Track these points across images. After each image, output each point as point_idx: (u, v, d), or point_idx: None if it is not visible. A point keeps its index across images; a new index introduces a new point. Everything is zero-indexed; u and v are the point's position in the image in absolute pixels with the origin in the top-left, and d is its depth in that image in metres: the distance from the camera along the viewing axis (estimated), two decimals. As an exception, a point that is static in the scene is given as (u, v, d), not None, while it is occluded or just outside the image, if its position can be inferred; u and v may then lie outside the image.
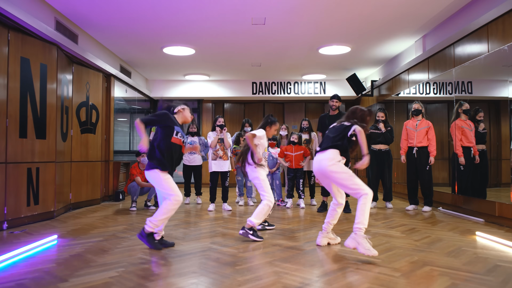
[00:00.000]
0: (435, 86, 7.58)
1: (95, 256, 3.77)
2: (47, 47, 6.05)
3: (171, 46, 8.46)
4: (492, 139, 6.33)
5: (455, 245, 4.18)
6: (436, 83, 7.48)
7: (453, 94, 6.74)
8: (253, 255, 3.84)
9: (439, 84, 7.39)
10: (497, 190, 6.28)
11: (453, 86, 6.76)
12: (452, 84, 6.77)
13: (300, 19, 6.87)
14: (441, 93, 7.37)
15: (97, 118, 7.95)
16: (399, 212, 6.75)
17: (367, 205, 3.74)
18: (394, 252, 3.88)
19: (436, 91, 7.60)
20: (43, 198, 5.92)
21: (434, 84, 7.55)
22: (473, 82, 6.49)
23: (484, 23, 5.68)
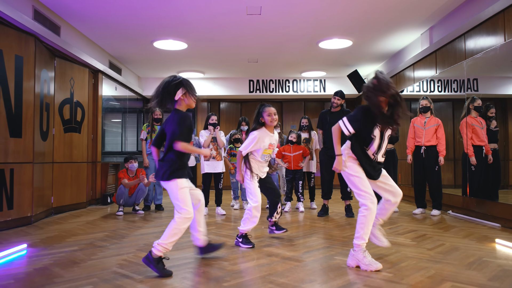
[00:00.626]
0: (440, 84, 7.12)
1: (62, 270, 3.27)
2: (23, 37, 5.55)
3: (161, 39, 7.96)
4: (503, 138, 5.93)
5: (475, 255, 3.69)
6: (441, 80, 7.03)
7: (464, 92, 6.27)
8: (245, 268, 3.34)
9: (443, 82, 6.96)
10: (505, 192, 5.86)
11: (464, 83, 6.30)
12: (463, 81, 6.31)
13: (298, 9, 6.39)
14: (447, 90, 6.92)
15: (83, 117, 7.46)
16: (406, 216, 6.26)
17: (368, 219, 3.26)
18: (406, 264, 3.38)
19: (440, 88, 7.14)
20: (18, 202, 5.42)
21: (439, 81, 7.10)
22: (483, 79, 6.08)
23: (499, 10, 5.20)
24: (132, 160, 6.70)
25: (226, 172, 7.51)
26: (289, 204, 7.04)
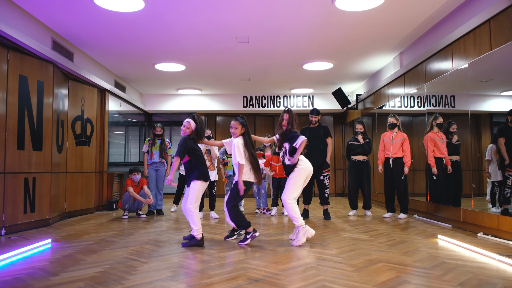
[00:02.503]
0: (413, 100, 8.01)
1: (84, 256, 4.17)
2: (44, 65, 6.49)
3: (162, 63, 8.93)
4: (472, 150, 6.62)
5: (415, 246, 4.58)
6: (413, 96, 7.92)
7: (425, 108, 7.18)
8: (228, 255, 4.24)
9: (416, 98, 7.82)
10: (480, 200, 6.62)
11: (427, 100, 7.18)
12: (425, 98, 7.21)
13: (282, 38, 7.33)
14: (420, 106, 7.78)
15: (92, 131, 8.38)
16: (377, 219, 7.15)
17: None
18: (356, 252, 4.28)
19: (414, 104, 8.02)
20: (39, 207, 6.32)
21: (412, 98, 7.98)
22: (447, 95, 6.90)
23: (448, 42, 6.14)
24: (135, 173, 7.57)
25: (219, 181, 8.37)
26: (275, 209, 7.94)
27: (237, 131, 5.07)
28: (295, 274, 3.40)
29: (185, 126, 5.05)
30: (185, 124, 5.05)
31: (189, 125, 5.06)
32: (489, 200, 6.09)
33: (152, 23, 6.58)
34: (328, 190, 7.23)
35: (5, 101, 5.69)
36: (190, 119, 5.10)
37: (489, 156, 6.13)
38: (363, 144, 7.76)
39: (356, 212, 7.82)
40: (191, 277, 3.32)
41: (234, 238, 5.23)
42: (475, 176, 6.64)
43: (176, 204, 8.76)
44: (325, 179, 7.19)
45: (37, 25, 6.43)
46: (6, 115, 5.70)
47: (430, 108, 7.08)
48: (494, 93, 5.94)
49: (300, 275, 3.37)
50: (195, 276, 3.35)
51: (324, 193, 7.21)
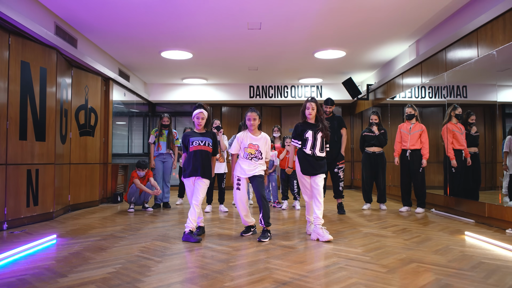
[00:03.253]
0: (430, 90, 7.71)
1: (93, 254, 3.89)
2: (46, 51, 6.18)
3: (168, 50, 8.60)
4: (487, 142, 6.43)
5: (443, 244, 4.31)
6: (431, 87, 7.62)
7: (446, 98, 6.87)
8: (247, 253, 3.95)
9: (434, 88, 7.52)
10: (492, 193, 6.39)
11: (447, 90, 6.89)
12: (446, 88, 6.91)
13: (295, 24, 7.01)
14: (436, 96, 7.49)
15: (96, 121, 8.08)
16: (393, 213, 6.88)
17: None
18: (383, 250, 4.00)
19: (431, 95, 7.73)
20: (42, 199, 6.03)
21: (430, 88, 7.68)
22: (467, 86, 6.60)
23: (473, 28, 5.82)
24: (140, 169, 7.26)
25: (229, 173, 8.10)
26: (286, 202, 7.66)
27: (256, 122, 4.86)
28: (325, 276, 3.12)
29: (201, 117, 4.84)
30: (200, 116, 4.83)
31: (203, 115, 4.85)
32: (506, 194, 5.82)
33: (160, 6, 6.25)
34: (342, 183, 6.95)
35: (7, 89, 5.38)
36: (202, 109, 4.85)
37: (507, 148, 5.86)
38: (378, 135, 7.46)
39: (370, 206, 7.54)
40: (212, 279, 3.04)
41: (250, 234, 4.95)
42: (489, 169, 6.42)
43: (181, 198, 8.49)
44: (340, 172, 6.91)
45: (40, 8, 6.10)
46: (8, 103, 5.40)
47: (451, 99, 6.78)
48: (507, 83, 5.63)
49: (331, 277, 3.08)
50: (216, 279, 3.06)
51: (338, 186, 6.93)
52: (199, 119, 4.82)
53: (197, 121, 4.84)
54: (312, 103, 4.84)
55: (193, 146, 4.77)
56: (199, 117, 4.82)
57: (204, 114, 4.83)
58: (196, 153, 4.76)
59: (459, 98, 6.69)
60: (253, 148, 4.83)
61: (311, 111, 4.82)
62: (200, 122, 4.83)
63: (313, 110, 4.82)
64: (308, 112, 4.83)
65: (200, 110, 4.82)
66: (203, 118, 4.83)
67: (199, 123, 4.83)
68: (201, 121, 4.82)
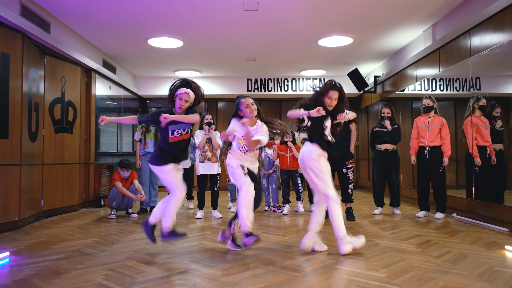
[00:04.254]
0: (442, 82, 6.90)
1: (43, 282, 3.04)
2: (10, 34, 5.33)
3: (156, 37, 7.73)
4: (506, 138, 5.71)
5: (485, 264, 3.46)
6: (443, 79, 6.81)
7: (470, 90, 6.04)
8: (239, 279, 3.10)
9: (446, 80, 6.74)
10: (509, 193, 5.64)
11: (468, 81, 6.07)
12: (467, 80, 6.08)
13: (297, 4, 6.16)
14: (450, 89, 6.69)
15: (75, 117, 7.22)
16: (409, 219, 6.04)
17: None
18: (412, 275, 3.15)
19: (442, 87, 6.92)
20: (4, 206, 5.19)
21: (441, 80, 6.87)
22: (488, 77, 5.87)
23: (507, 4, 4.97)
24: (124, 169, 6.43)
25: (223, 174, 7.28)
26: (288, 206, 6.82)
27: (255, 108, 4.23)
28: (344, 321, 2.28)
29: (184, 99, 3.89)
30: (184, 97, 3.89)
31: (188, 97, 3.91)
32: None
33: (141, -17, 5.40)
34: (352, 185, 6.10)
35: (-44, 76, 4.53)
36: (188, 89, 3.92)
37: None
38: (391, 131, 6.61)
39: (382, 210, 6.69)
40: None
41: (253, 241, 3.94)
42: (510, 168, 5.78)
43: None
44: (349, 172, 6.04)
45: (0, -16, 5.25)
46: (-43, 93, 4.55)
47: (476, 92, 5.94)
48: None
49: (352, 323, 2.24)
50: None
51: (347, 189, 6.06)
52: (182, 100, 3.91)
53: (179, 103, 3.92)
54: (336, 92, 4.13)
55: (173, 136, 3.93)
56: (182, 98, 3.90)
57: (189, 96, 3.92)
58: (177, 144, 3.98)
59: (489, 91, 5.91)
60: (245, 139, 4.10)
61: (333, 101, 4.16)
62: (183, 104, 3.92)
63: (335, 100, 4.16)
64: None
65: (185, 91, 3.90)
66: (186, 101, 3.92)
67: (181, 105, 3.91)
68: (184, 103, 3.92)
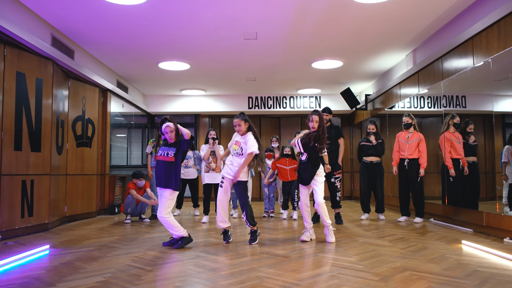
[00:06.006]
0: (430, 100, 7.68)
1: (84, 264, 3.85)
2: (42, 62, 6.20)
3: (166, 61, 8.63)
4: (487, 152, 6.37)
5: (439, 253, 4.25)
6: (430, 97, 7.59)
7: (442, 108, 6.85)
8: (240, 262, 3.91)
9: (433, 98, 7.49)
10: (492, 204, 6.30)
11: (445, 99, 6.86)
12: (441, 98, 6.88)
13: (291, 34, 7.03)
14: (435, 106, 7.46)
15: (93, 132, 8.08)
16: (391, 223, 6.82)
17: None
18: (377, 259, 3.95)
19: (430, 105, 7.70)
20: (37, 210, 6.00)
21: (429, 98, 7.65)
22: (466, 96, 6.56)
23: (469, 36, 5.82)
24: (141, 178, 7.25)
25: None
26: (286, 212, 7.60)
27: (242, 127, 5.00)
28: (316, 284, 3.08)
29: (169, 131, 4.83)
30: (167, 130, 4.83)
31: (171, 128, 4.85)
32: (506, 203, 5.75)
33: (156, 18, 6.28)
34: (339, 193, 6.90)
35: (2, 99, 5.38)
36: (168, 122, 4.88)
37: (506, 158, 5.80)
38: (375, 145, 7.42)
39: (368, 216, 7.48)
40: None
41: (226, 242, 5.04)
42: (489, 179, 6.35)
43: (179, 209, 8.47)
44: (337, 182, 6.86)
45: (36, 20, 6.14)
46: (3, 114, 5.40)
47: (448, 109, 6.75)
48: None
49: (321, 285, 3.04)
50: (206, 286, 3.02)
51: (335, 196, 6.88)
52: (168, 133, 4.82)
53: (167, 136, 4.84)
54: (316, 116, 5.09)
55: (158, 155, 4.86)
56: (167, 131, 4.82)
57: (171, 127, 4.82)
58: (159, 162, 4.82)
59: (457, 108, 6.65)
60: (237, 144, 5.08)
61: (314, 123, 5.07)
62: (170, 136, 4.82)
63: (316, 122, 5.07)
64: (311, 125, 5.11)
65: (166, 124, 4.82)
66: (171, 131, 4.82)
67: (170, 137, 4.83)
68: (171, 134, 4.82)
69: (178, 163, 4.80)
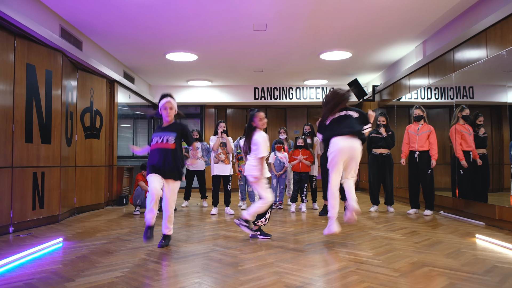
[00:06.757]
0: (437, 91, 7.64)
1: (100, 258, 3.84)
2: (52, 53, 6.15)
3: (174, 52, 8.58)
4: (494, 144, 6.36)
5: (454, 247, 4.24)
6: (438, 88, 7.54)
7: (454, 99, 6.80)
8: (255, 256, 3.90)
9: (440, 89, 7.45)
10: (500, 195, 6.30)
11: (453, 91, 6.82)
12: (453, 89, 6.83)
13: (301, 25, 6.97)
14: (442, 98, 7.42)
15: (101, 124, 8.05)
16: (401, 215, 6.81)
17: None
18: (394, 254, 3.94)
19: (437, 96, 7.66)
20: (48, 202, 6.00)
21: (436, 89, 7.60)
22: (474, 87, 6.54)
23: (482, 28, 5.76)
24: None
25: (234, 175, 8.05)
26: (294, 205, 7.59)
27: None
28: (336, 280, 3.06)
29: (168, 107, 4.25)
30: (168, 105, 4.25)
31: (172, 105, 4.31)
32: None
33: (165, 8, 6.22)
34: (350, 185, 6.86)
35: (12, 91, 5.36)
36: (169, 97, 4.32)
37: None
38: (385, 137, 7.39)
39: (377, 208, 7.46)
40: (222, 284, 2.99)
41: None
42: (496, 171, 6.34)
43: (187, 200, 8.45)
44: (347, 174, 6.82)
45: (45, 11, 6.09)
46: (14, 106, 5.38)
47: (459, 100, 6.70)
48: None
49: (342, 281, 3.03)
50: (226, 283, 3.01)
51: (345, 188, 6.85)
52: (167, 109, 4.25)
53: (164, 113, 4.26)
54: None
55: (152, 144, 4.27)
56: (166, 107, 4.25)
57: (172, 104, 4.29)
58: (154, 152, 4.22)
59: (465, 99, 6.61)
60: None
61: None
62: (169, 112, 4.26)
63: None
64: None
65: (167, 99, 4.26)
66: (171, 108, 4.27)
67: (168, 114, 4.25)
68: (169, 111, 4.26)
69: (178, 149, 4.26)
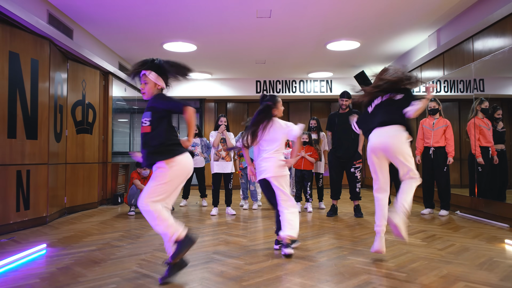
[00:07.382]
0: (446, 84, 7.18)
1: (84, 269, 3.37)
2: (38, 41, 5.66)
3: (171, 42, 8.07)
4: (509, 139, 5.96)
5: (485, 255, 3.77)
6: (447, 80, 7.08)
7: (473, 92, 6.32)
8: (261, 268, 3.43)
9: (450, 82, 7.00)
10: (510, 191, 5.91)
11: (471, 83, 6.35)
12: (470, 82, 6.36)
13: (308, 11, 6.47)
14: (453, 91, 6.96)
15: (94, 118, 7.56)
16: (414, 216, 6.34)
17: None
18: (419, 264, 3.47)
19: (447, 89, 7.20)
20: (34, 203, 5.53)
21: (445, 82, 7.15)
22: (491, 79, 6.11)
23: (507, 13, 5.27)
24: (146, 168, 6.77)
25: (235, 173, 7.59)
26: (299, 204, 7.11)
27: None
28: (359, 301, 2.60)
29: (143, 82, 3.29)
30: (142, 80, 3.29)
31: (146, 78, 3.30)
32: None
33: (161, -8, 5.73)
34: (359, 184, 6.41)
35: (-7, 81, 4.87)
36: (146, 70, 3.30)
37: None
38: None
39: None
40: (223, 306, 2.52)
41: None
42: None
43: (185, 199, 7.98)
44: (357, 172, 6.36)
45: (30, -6, 5.59)
46: (-6, 97, 4.89)
47: (479, 93, 6.22)
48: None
49: (366, 302, 2.56)
50: (228, 304, 2.55)
51: (355, 187, 6.38)
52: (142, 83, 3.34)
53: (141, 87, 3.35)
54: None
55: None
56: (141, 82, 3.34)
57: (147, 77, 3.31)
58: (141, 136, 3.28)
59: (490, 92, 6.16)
60: None
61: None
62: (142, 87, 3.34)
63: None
64: None
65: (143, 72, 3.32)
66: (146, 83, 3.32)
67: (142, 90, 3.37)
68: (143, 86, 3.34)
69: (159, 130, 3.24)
